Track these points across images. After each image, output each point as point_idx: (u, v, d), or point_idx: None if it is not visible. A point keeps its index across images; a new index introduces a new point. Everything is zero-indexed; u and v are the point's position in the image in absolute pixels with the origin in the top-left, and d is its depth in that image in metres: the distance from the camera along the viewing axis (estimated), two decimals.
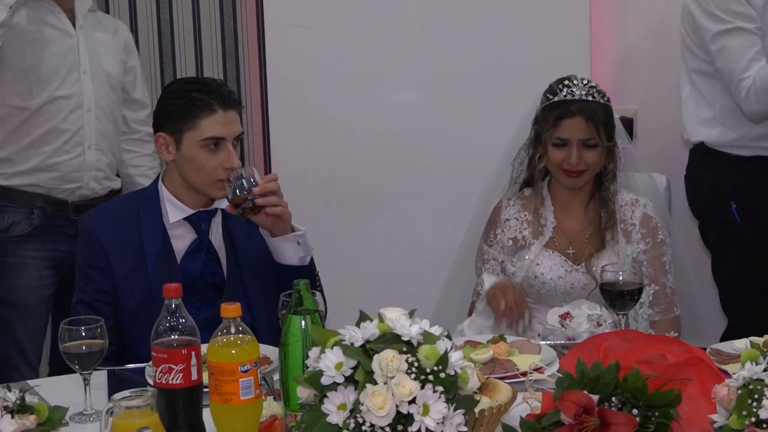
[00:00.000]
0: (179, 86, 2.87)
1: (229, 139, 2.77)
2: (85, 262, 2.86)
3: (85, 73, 3.53)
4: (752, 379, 1.84)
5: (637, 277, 2.66)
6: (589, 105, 3.00)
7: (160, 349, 2.08)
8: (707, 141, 3.54)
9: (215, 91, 2.77)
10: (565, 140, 2.99)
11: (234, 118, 2.80)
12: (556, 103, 3.02)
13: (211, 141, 2.76)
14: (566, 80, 3.04)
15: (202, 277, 2.83)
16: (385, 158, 4.06)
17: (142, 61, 4.09)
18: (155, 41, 4.12)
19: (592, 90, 3.03)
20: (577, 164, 2.99)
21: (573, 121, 2.99)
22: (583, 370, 1.91)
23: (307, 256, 2.87)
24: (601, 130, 3.00)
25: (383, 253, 4.10)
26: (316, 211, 4.06)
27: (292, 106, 4.04)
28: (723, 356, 2.50)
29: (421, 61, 4.01)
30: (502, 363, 2.47)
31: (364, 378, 1.84)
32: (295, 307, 2.13)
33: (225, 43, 4.13)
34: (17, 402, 2.12)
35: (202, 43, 4.13)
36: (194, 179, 2.79)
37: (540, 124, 3.06)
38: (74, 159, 3.53)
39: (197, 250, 2.84)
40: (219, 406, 2.08)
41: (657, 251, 3.08)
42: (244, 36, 4.13)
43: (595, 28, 4.03)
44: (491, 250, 3.13)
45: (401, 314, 1.92)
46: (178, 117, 2.77)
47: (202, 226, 2.84)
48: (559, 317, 2.92)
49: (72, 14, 3.55)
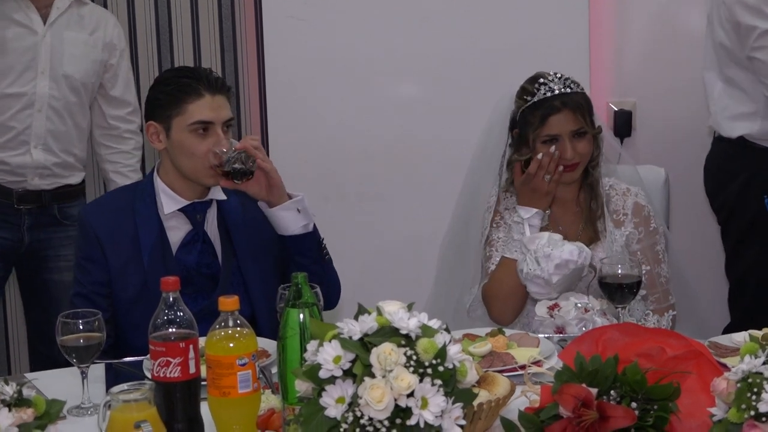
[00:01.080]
0: (168, 75, 2.89)
1: (217, 123, 2.77)
2: (82, 255, 2.87)
3: (42, 72, 3.50)
4: (751, 372, 1.84)
5: (635, 269, 2.67)
6: (571, 96, 3.01)
7: (157, 342, 2.08)
8: (748, 134, 3.56)
9: (202, 76, 2.78)
10: (554, 136, 2.99)
11: (222, 103, 2.79)
12: (538, 103, 3.01)
13: (200, 125, 2.75)
14: (540, 78, 3.03)
15: (198, 269, 2.83)
16: (384, 151, 4.06)
17: (140, 54, 4.08)
18: (153, 34, 4.11)
19: (567, 81, 3.03)
20: (572, 157, 2.99)
21: (560, 116, 2.99)
22: (582, 363, 1.91)
23: (310, 223, 2.86)
24: (587, 118, 3.01)
25: (382, 246, 4.10)
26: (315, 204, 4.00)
27: (291, 98, 4.04)
28: (722, 349, 2.50)
29: (419, 55, 4.00)
30: (500, 356, 2.47)
31: (363, 371, 1.84)
32: (294, 300, 2.12)
33: (223, 35, 4.12)
34: (14, 395, 2.11)
35: (200, 36, 4.12)
36: (186, 167, 2.79)
37: (523, 126, 3.04)
38: (18, 156, 3.52)
39: (192, 242, 2.84)
40: (217, 399, 2.08)
41: (650, 240, 3.08)
42: (242, 28, 4.12)
43: (594, 22, 4.02)
44: (498, 232, 3.09)
45: (399, 307, 1.92)
46: (166, 103, 2.78)
47: (197, 217, 2.84)
48: (548, 308, 2.93)
49: (48, 10, 3.52)
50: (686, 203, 3.84)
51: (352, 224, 4.09)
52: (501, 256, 3.02)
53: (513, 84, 3.13)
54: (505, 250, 3.03)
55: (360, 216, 4.09)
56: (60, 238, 3.59)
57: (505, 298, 2.99)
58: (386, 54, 4.01)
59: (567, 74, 3.06)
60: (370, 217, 4.09)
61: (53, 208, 3.57)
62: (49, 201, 3.56)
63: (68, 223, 3.56)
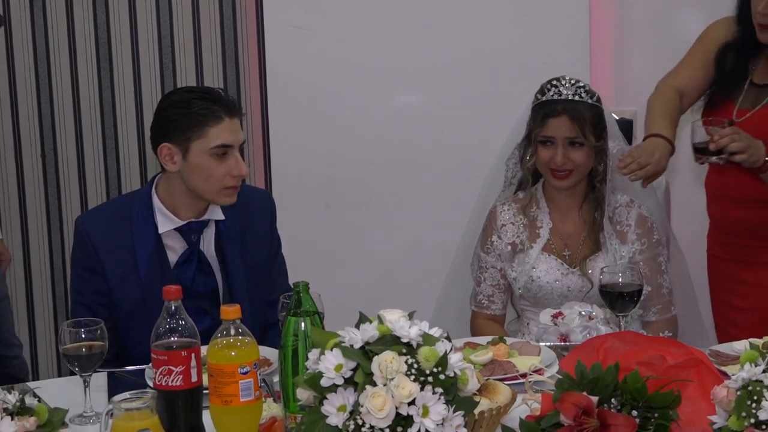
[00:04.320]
0: (181, 96, 2.81)
1: (236, 146, 2.77)
2: (80, 265, 2.87)
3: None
4: (751, 380, 1.85)
5: (636, 278, 2.67)
6: (575, 105, 3.02)
7: (159, 350, 2.09)
8: None
9: (220, 99, 2.76)
10: (550, 138, 3.01)
11: (238, 125, 2.80)
12: (544, 103, 3.05)
13: (221, 149, 2.75)
14: (555, 80, 3.07)
15: (194, 286, 2.83)
16: (385, 160, 4.07)
17: (142, 66, 4.08)
18: (155, 44, 4.13)
19: (579, 90, 3.04)
20: (563, 164, 3.00)
21: (558, 121, 3.01)
22: (583, 371, 1.91)
23: None
24: (587, 130, 3.01)
25: (383, 255, 4.10)
26: (316, 212, 4.07)
27: (292, 107, 4.04)
28: (722, 358, 2.51)
29: (420, 63, 4.01)
30: (501, 364, 2.47)
31: (364, 379, 1.85)
32: (295, 309, 2.13)
33: (225, 45, 4.13)
34: (17, 404, 2.12)
35: (202, 47, 4.14)
36: (202, 187, 2.77)
37: (530, 122, 3.08)
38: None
39: (188, 261, 2.84)
40: (219, 407, 2.08)
41: (653, 251, 3.08)
42: (244, 38, 4.13)
43: (595, 31, 4.03)
44: (489, 258, 3.13)
45: (401, 316, 1.92)
46: (184, 126, 2.73)
47: (192, 237, 2.84)
48: (551, 316, 2.94)
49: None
50: (688, 211, 3.84)
51: (353, 232, 4.09)
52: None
53: (513, 93, 3.15)
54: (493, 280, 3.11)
55: (361, 224, 4.09)
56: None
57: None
58: (387, 63, 4.01)
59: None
60: (370, 226, 4.09)
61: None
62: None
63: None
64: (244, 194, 2.89)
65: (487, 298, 3.14)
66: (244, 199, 2.89)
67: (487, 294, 3.13)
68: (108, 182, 4.22)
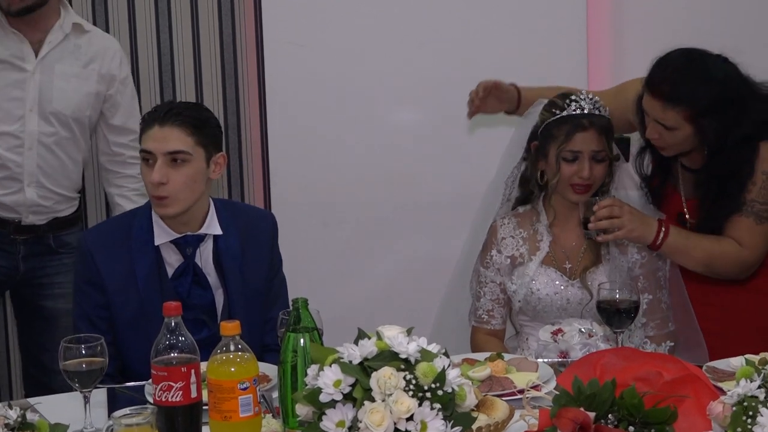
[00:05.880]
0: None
1: (158, 153, 2.78)
2: (81, 279, 2.90)
3: (31, 110, 3.44)
4: (747, 396, 1.86)
5: (633, 294, 2.68)
6: (599, 118, 3.04)
7: (159, 366, 2.10)
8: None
9: (165, 107, 2.84)
10: (577, 153, 3.01)
11: (172, 135, 2.79)
12: (566, 118, 3.04)
13: (144, 154, 2.82)
14: (572, 95, 3.07)
15: (190, 299, 2.85)
16: (383, 176, 4.07)
17: (142, 81, 4.09)
18: (154, 60, 4.14)
19: (597, 104, 3.06)
20: (588, 177, 3.01)
21: (586, 135, 3.01)
22: (580, 387, 1.92)
23: None
24: (609, 143, 3.04)
25: (381, 271, 4.11)
26: (315, 229, 4.07)
27: (291, 124, 4.05)
28: (719, 373, 2.51)
29: (419, 80, 4.02)
30: (499, 380, 2.48)
31: (363, 395, 1.86)
32: (294, 325, 2.14)
33: (224, 62, 4.14)
34: (18, 419, 2.13)
35: (202, 63, 4.15)
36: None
37: (546, 139, 3.07)
38: (12, 195, 3.47)
39: (184, 274, 2.86)
40: (218, 423, 2.09)
41: (653, 265, 3.09)
42: (243, 55, 4.15)
43: (592, 40, 4.04)
44: (488, 272, 3.14)
45: (399, 332, 1.93)
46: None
47: (187, 250, 2.86)
48: (551, 333, 2.94)
49: (41, 44, 3.45)
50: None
51: (351, 249, 4.10)
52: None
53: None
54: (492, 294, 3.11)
55: (359, 241, 4.10)
56: (55, 266, 3.56)
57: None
58: (386, 79, 4.03)
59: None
60: (369, 242, 4.10)
61: (48, 238, 3.54)
62: (45, 231, 3.55)
63: (63, 252, 3.54)
64: (247, 214, 2.97)
65: (486, 312, 3.15)
66: (246, 219, 2.95)
67: (487, 309, 3.14)
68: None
